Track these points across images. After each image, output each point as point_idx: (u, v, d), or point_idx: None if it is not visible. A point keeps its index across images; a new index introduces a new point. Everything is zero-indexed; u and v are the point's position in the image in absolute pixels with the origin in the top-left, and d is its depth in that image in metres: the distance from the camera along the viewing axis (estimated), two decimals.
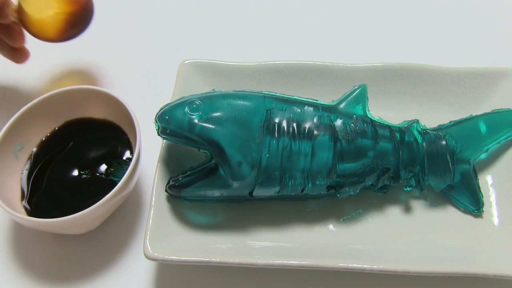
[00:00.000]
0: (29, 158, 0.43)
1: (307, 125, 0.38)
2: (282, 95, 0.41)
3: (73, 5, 0.46)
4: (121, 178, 0.38)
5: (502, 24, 0.56)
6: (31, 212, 0.40)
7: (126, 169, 0.39)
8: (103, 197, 0.37)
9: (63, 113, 0.44)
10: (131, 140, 0.43)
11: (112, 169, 0.42)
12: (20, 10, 0.46)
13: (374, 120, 0.41)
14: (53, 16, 0.46)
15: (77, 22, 0.47)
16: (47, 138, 0.44)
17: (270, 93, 0.41)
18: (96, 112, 0.44)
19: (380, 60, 0.46)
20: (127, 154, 0.43)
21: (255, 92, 0.40)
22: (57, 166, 0.43)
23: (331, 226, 0.41)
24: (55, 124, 0.44)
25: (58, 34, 0.47)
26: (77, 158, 0.43)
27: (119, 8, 0.57)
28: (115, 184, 0.38)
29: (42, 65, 0.54)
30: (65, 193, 0.41)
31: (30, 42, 0.51)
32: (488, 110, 0.43)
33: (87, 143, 0.44)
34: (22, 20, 0.46)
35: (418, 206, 0.41)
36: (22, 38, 0.47)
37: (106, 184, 0.40)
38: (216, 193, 0.39)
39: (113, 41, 0.56)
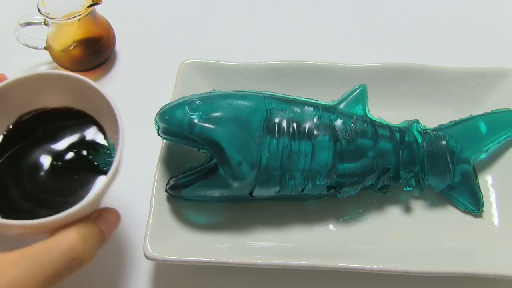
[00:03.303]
0: None
1: (307, 125, 0.38)
2: (282, 95, 0.41)
3: (93, 34, 0.51)
4: (104, 164, 0.35)
5: (502, 24, 0.56)
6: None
7: (106, 154, 0.36)
8: (90, 187, 0.34)
9: (15, 108, 0.38)
10: (102, 123, 0.38)
11: (91, 157, 0.37)
12: (49, 47, 0.50)
13: (374, 120, 0.41)
14: (76, 48, 0.51)
15: (98, 50, 0.52)
16: (3, 136, 0.38)
17: (270, 93, 0.41)
18: (53, 100, 0.39)
19: (380, 60, 0.46)
20: (100, 139, 0.38)
21: (255, 92, 0.40)
22: (23, 164, 0.37)
23: (331, 226, 0.41)
24: (8, 122, 0.38)
25: (84, 63, 0.52)
26: (44, 152, 0.37)
27: (119, 8, 0.57)
28: (97, 172, 0.35)
29: (42, 67, 0.54)
30: (44, 191, 0.36)
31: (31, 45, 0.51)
32: (488, 110, 0.43)
33: (50, 135, 0.38)
34: (52, 56, 0.51)
35: (418, 206, 0.41)
36: None
37: (87, 174, 0.36)
38: (216, 193, 0.39)
39: None
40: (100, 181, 0.35)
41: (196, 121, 0.37)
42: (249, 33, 0.56)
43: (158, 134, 0.39)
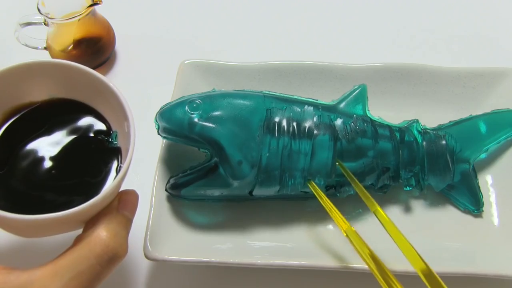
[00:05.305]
0: None
1: (307, 125, 0.38)
2: (282, 95, 0.41)
3: (93, 34, 0.51)
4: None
5: (501, 25, 0.56)
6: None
7: (109, 141, 0.34)
8: (105, 174, 0.32)
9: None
10: (99, 109, 0.35)
11: (96, 146, 0.35)
12: (49, 47, 0.50)
13: (374, 120, 0.41)
14: (76, 49, 0.51)
15: (98, 50, 0.52)
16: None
17: (270, 93, 0.41)
18: (38, 94, 0.35)
19: (380, 60, 0.46)
20: (102, 126, 0.35)
21: (255, 92, 0.40)
22: (27, 159, 0.33)
23: (331, 226, 0.41)
24: None
25: (84, 63, 0.50)
26: (46, 147, 0.34)
27: (119, 8, 0.57)
28: (108, 159, 0.33)
29: None
30: (59, 183, 0.33)
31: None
32: (488, 110, 0.43)
33: (47, 131, 0.35)
34: (52, 56, 0.51)
35: (418, 206, 0.41)
36: None
37: (99, 162, 0.33)
38: (216, 192, 0.39)
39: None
40: (114, 166, 0.33)
41: (196, 120, 0.37)
42: (249, 33, 0.56)
43: (158, 134, 0.39)
